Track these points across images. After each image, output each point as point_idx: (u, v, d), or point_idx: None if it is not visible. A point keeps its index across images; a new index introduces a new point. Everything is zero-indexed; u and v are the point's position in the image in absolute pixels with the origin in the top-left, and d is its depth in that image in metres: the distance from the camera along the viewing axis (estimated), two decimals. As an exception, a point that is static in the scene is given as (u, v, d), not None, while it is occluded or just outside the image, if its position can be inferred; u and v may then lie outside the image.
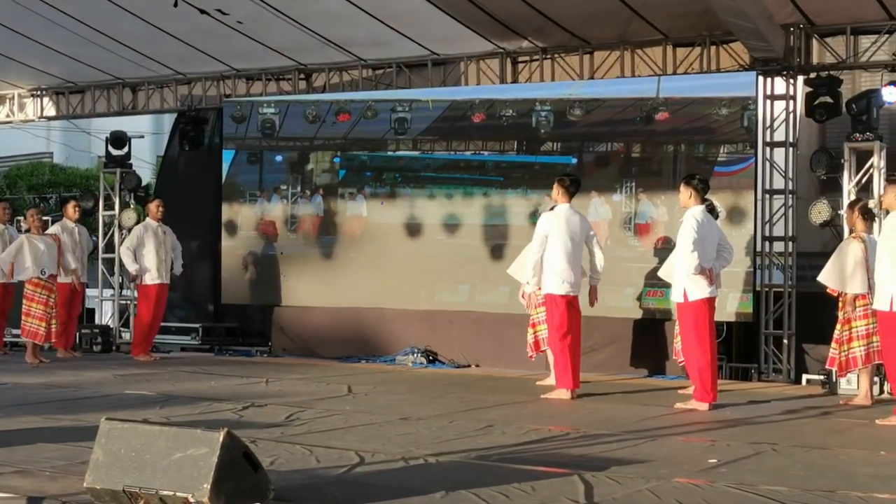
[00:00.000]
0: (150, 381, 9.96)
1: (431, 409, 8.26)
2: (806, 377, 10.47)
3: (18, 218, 13.77)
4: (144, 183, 14.95)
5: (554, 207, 9.42)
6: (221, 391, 9.22)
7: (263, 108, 13.29)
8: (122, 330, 14.20)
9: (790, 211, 10.96)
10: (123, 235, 13.72)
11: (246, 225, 13.42)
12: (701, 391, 8.51)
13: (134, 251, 12.14)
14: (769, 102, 11.01)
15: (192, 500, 4.43)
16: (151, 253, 12.13)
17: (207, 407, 8.14)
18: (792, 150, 10.99)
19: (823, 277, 9.06)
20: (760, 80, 10.91)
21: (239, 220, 13.46)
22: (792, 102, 10.96)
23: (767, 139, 11.01)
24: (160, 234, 12.20)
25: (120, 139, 14.27)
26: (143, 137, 19.04)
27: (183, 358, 12.65)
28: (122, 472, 4.61)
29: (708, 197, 9.01)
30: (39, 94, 15.28)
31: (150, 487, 4.53)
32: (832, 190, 10.87)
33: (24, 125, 17.54)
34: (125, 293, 14.29)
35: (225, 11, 11.59)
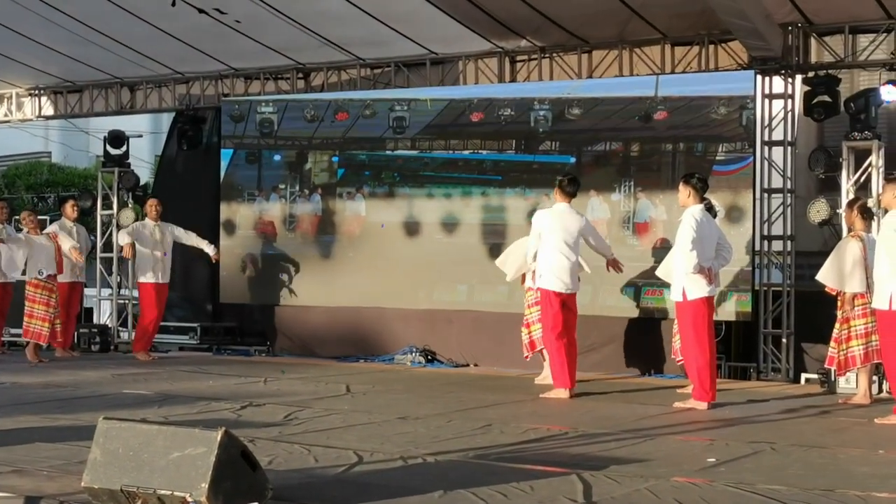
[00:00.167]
0: (148, 380, 9.96)
1: (430, 408, 8.26)
2: (805, 376, 10.47)
3: (16, 217, 13.76)
4: (143, 182, 14.96)
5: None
6: (220, 390, 9.21)
7: (262, 107, 13.27)
8: (120, 329, 14.19)
9: (789, 210, 10.96)
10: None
11: (244, 224, 13.41)
12: (700, 390, 8.51)
13: (130, 236, 12.07)
14: (767, 101, 11.01)
15: (189, 499, 4.42)
16: (147, 253, 12.12)
17: (205, 406, 8.14)
18: (790, 148, 10.99)
19: (822, 276, 9.06)
20: (759, 79, 10.91)
21: (237, 219, 13.45)
22: (790, 101, 10.96)
23: (766, 138, 11.01)
24: (157, 234, 12.17)
25: (118, 138, 14.26)
26: (141, 137, 19.10)
27: (181, 357, 12.63)
28: (119, 471, 4.61)
29: (706, 196, 9.00)
30: (38, 93, 15.26)
31: (147, 487, 4.52)
32: (831, 189, 10.87)
33: (22, 124, 17.51)
34: (123, 293, 14.29)
35: (223, 11, 11.58)
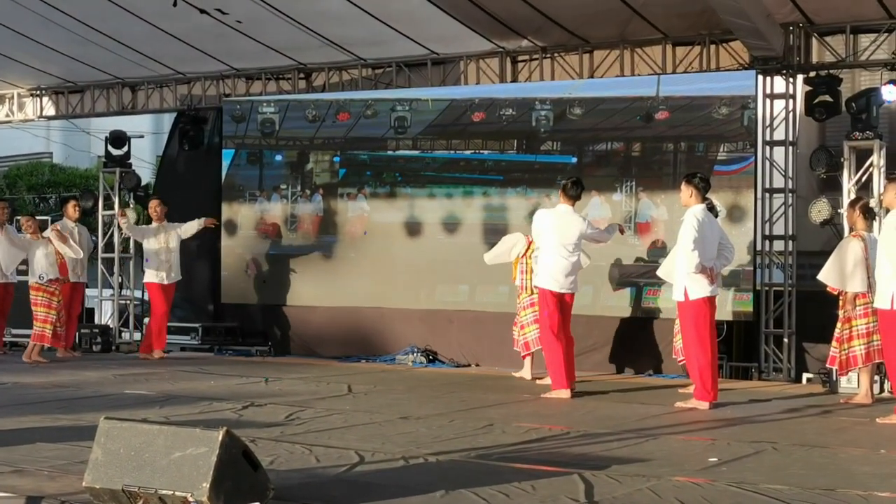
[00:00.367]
0: (149, 380, 9.97)
1: (431, 408, 8.26)
2: (806, 376, 10.47)
3: (18, 218, 13.76)
4: (144, 182, 14.94)
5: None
6: (221, 391, 9.22)
7: (263, 107, 13.27)
8: (121, 330, 14.19)
9: (790, 210, 10.95)
10: (123, 235, 13.76)
11: (246, 224, 13.41)
12: (701, 390, 8.51)
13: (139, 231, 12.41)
14: (769, 101, 11.00)
15: (191, 499, 4.42)
16: (153, 253, 12.15)
17: (207, 406, 8.14)
18: (792, 148, 10.98)
19: (823, 276, 9.06)
20: (760, 78, 10.90)
21: (239, 219, 13.45)
22: (791, 101, 10.95)
23: (767, 138, 11.00)
24: (161, 235, 12.19)
25: (119, 139, 14.26)
26: (142, 137, 19.04)
27: (183, 358, 12.63)
28: (121, 471, 4.61)
29: (708, 196, 9.00)
30: (39, 93, 15.26)
31: (149, 487, 4.53)
32: (832, 188, 10.86)
33: (23, 125, 17.52)
34: (125, 293, 14.29)
35: (224, 11, 11.57)
